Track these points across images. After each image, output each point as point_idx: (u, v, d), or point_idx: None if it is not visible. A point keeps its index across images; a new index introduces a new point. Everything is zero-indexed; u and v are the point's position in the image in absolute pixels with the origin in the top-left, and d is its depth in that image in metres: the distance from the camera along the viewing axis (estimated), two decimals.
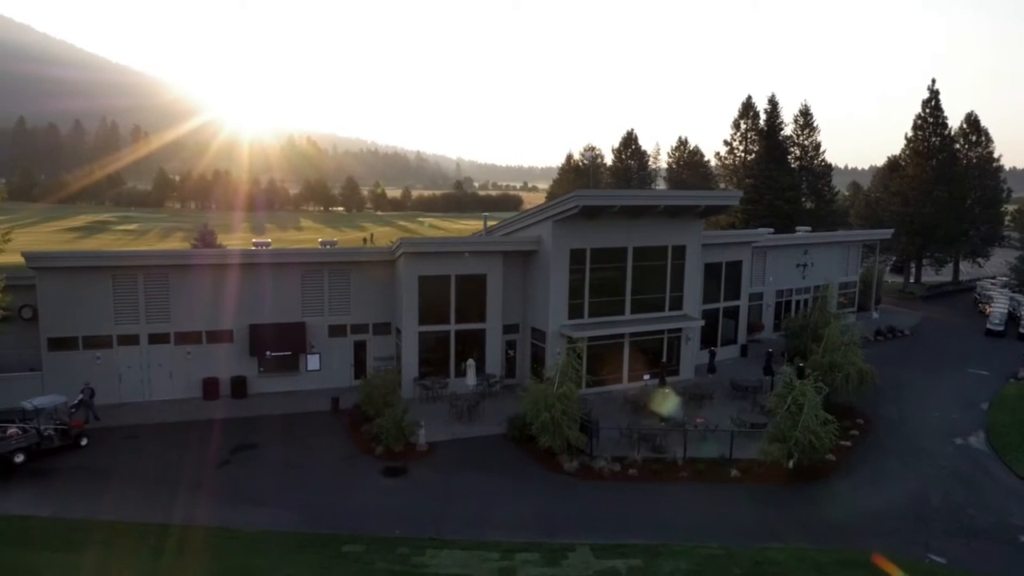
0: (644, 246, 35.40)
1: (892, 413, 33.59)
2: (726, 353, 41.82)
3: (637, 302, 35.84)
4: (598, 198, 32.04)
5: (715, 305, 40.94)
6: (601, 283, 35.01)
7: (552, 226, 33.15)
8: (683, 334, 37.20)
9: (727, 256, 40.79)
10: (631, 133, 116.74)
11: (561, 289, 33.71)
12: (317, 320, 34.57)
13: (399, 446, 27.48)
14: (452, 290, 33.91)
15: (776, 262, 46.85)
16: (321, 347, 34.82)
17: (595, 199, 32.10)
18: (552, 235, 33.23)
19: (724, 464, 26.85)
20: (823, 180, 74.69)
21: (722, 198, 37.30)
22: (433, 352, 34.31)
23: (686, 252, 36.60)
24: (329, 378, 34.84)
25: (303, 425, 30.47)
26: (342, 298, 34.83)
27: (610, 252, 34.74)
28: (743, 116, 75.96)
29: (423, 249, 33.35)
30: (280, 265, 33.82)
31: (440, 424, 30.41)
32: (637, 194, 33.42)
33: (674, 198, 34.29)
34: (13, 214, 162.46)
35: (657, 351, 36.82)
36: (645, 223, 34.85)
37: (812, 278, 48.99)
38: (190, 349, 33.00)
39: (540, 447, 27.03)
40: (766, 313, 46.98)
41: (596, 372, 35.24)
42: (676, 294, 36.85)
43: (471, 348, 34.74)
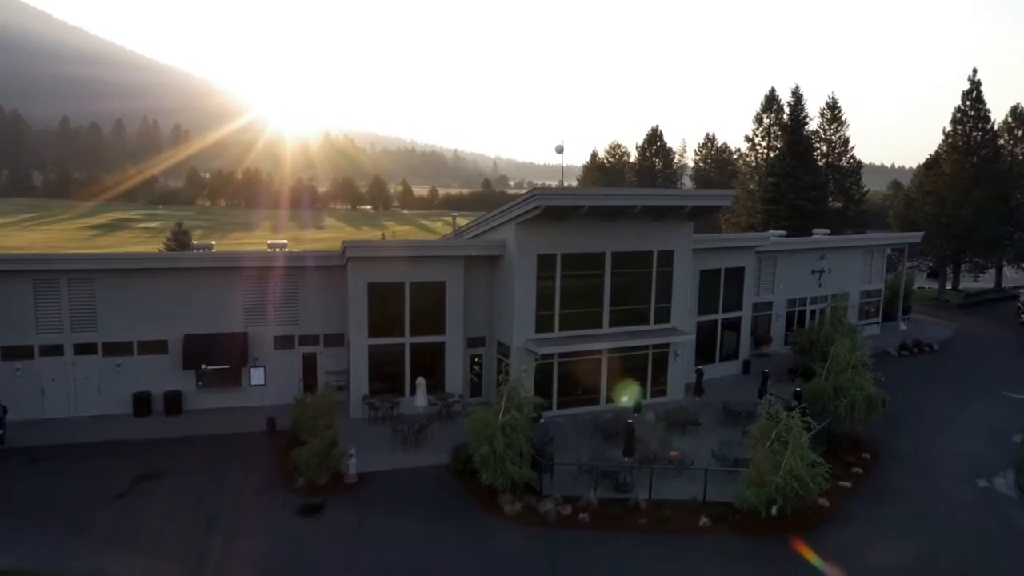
0: (625, 251, 31.52)
1: (906, 446, 29.17)
2: (726, 370, 37.65)
3: (617, 314, 31.97)
4: (562, 197, 28.33)
5: (712, 316, 36.79)
6: (575, 293, 31.26)
7: (516, 229, 29.51)
8: (671, 350, 33.19)
9: (727, 262, 36.60)
10: (656, 129, 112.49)
11: (527, 299, 30.05)
12: (261, 330, 31.47)
13: (323, 478, 24.19)
14: (406, 299, 30.51)
15: (788, 268, 42.42)
16: (266, 360, 31.73)
17: (558, 198, 28.34)
18: (516, 239, 29.59)
19: (695, 509, 22.93)
20: (852, 178, 69.32)
21: (711, 198, 33.24)
22: (386, 368, 30.94)
23: (674, 258, 32.59)
24: (275, 394, 31.70)
25: (231, 448, 27.39)
26: (289, 306, 31.69)
27: (585, 258, 30.95)
28: (766, 110, 71.01)
29: (372, 253, 29.98)
30: (219, 270, 30.80)
31: (381, 451, 27.10)
32: (609, 193, 29.68)
33: (654, 197, 30.39)
34: (45, 211, 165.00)
35: (641, 369, 32.89)
36: (625, 226, 30.97)
37: (829, 286, 44.40)
38: (120, 361, 30.19)
39: (481, 484, 23.48)
40: (776, 324, 42.59)
41: (569, 392, 31.52)
42: (663, 305, 32.85)
43: (429, 363, 31.30)
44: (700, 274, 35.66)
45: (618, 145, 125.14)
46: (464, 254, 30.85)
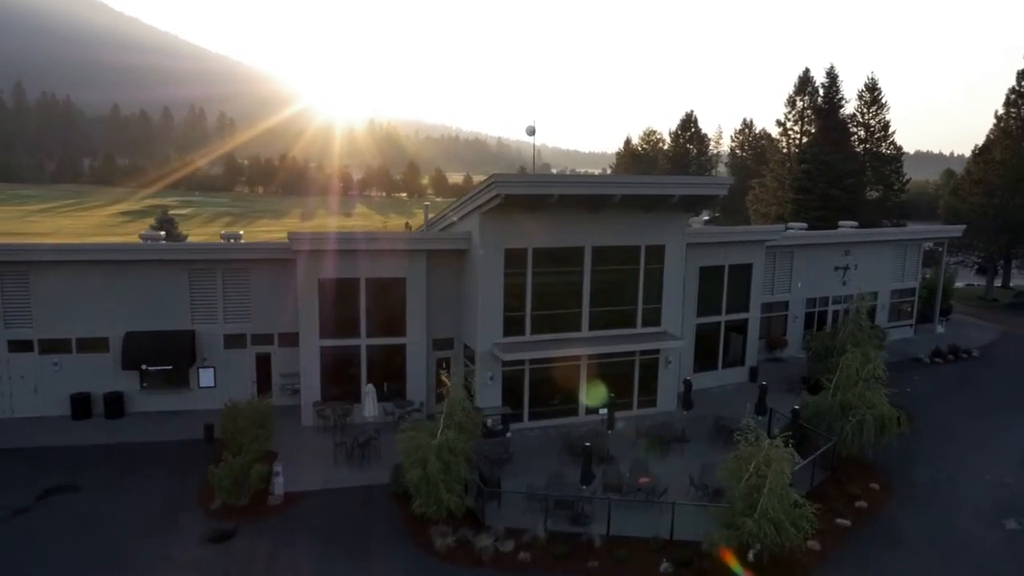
0: (608, 246, 28.13)
1: (924, 474, 25.29)
2: (730, 377, 33.97)
3: (599, 316, 28.62)
4: (525, 185, 25.09)
5: (714, 318, 33.10)
6: (549, 292, 28.04)
7: (479, 220, 26.40)
8: (661, 356, 29.72)
9: (732, 258, 32.83)
10: (690, 115, 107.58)
11: (493, 299, 26.94)
12: (210, 328, 29.07)
13: (242, 499, 21.62)
14: (362, 297, 27.70)
15: (807, 264, 38.36)
16: (216, 360, 29.33)
17: (520, 186, 25.07)
18: (480, 231, 26.48)
19: (659, 549, 19.66)
20: (892, 165, 63.96)
21: (704, 186, 29.33)
22: (340, 372, 28.24)
23: (665, 254, 29.05)
24: (226, 396, 28.84)
25: (162, 458, 25.06)
26: (240, 303, 29.20)
27: (561, 253, 27.69)
28: (799, 92, 65.99)
29: (322, 246, 27.20)
30: (164, 263, 28.42)
31: (321, 466, 24.49)
32: (581, 180, 26.25)
33: (634, 186, 26.82)
34: (85, 197, 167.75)
35: (626, 377, 29.54)
36: (608, 217, 27.57)
37: (856, 284, 40.11)
38: (58, 359, 28.12)
39: (414, 512, 20.60)
40: (792, 326, 38.61)
41: (543, 402, 28.38)
42: (652, 306, 29.37)
43: (388, 368, 28.52)
44: (700, 271, 32.03)
45: (652, 131, 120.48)
46: (426, 248, 27.86)
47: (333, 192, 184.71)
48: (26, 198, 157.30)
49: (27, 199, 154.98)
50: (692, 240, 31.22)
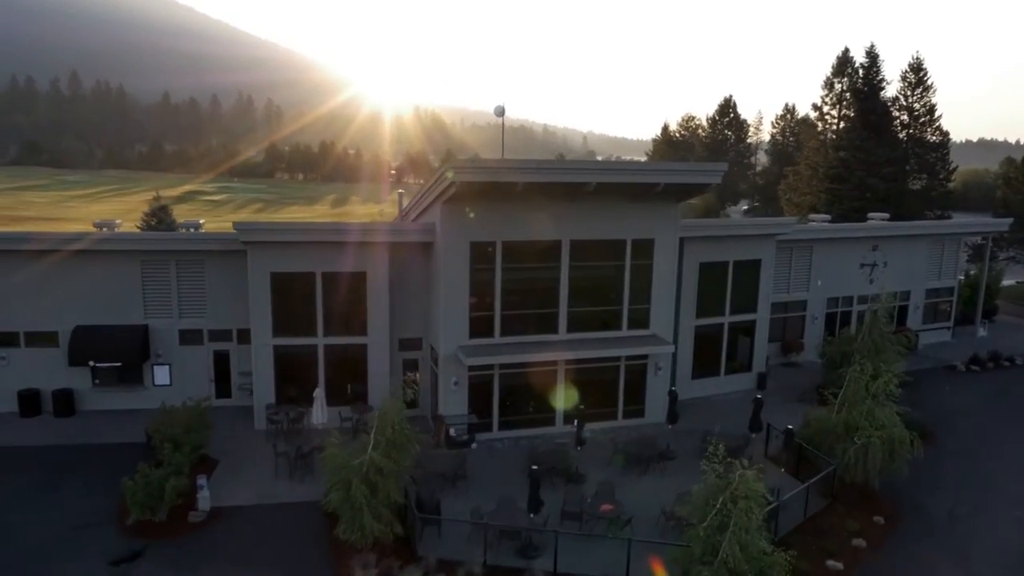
0: (588, 240, 25.42)
1: (940, 506, 22.04)
2: (735, 384, 30.88)
3: (578, 317, 25.95)
4: (481, 171, 22.48)
5: (716, 319, 30.04)
6: (522, 290, 25.50)
7: (442, 210, 23.93)
8: (650, 362, 26.89)
9: (737, 253, 29.69)
10: (729, 100, 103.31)
11: (457, 297, 24.49)
12: (165, 323, 27.32)
13: (159, 515, 19.71)
14: (318, 292, 25.53)
15: (828, 260, 34.88)
16: (171, 356, 27.60)
17: (476, 172, 22.46)
18: (442, 222, 24.03)
19: None
20: (937, 153, 59.08)
21: (693, 173, 26.15)
22: (295, 373, 26.21)
23: (654, 249, 26.16)
24: (182, 395, 27.16)
25: (96, 463, 23.37)
26: (196, 296, 27.36)
27: (535, 247, 25.08)
28: (838, 74, 61.38)
29: (274, 237, 25.09)
30: (116, 253, 26.71)
31: (262, 478, 22.52)
32: (551, 167, 23.44)
33: (613, 173, 23.89)
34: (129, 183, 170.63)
35: (611, 384, 26.82)
36: (589, 208, 24.83)
37: (885, 282, 36.42)
38: (5, 354, 26.74)
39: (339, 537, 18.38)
40: (811, 328, 35.19)
41: (515, 411, 25.90)
42: (639, 306, 26.55)
43: (348, 369, 26.37)
44: (700, 268, 29.02)
45: (691, 117, 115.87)
46: (388, 240, 25.51)
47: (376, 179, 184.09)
48: (71, 184, 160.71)
49: (72, 185, 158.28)
50: (688, 234, 28.24)
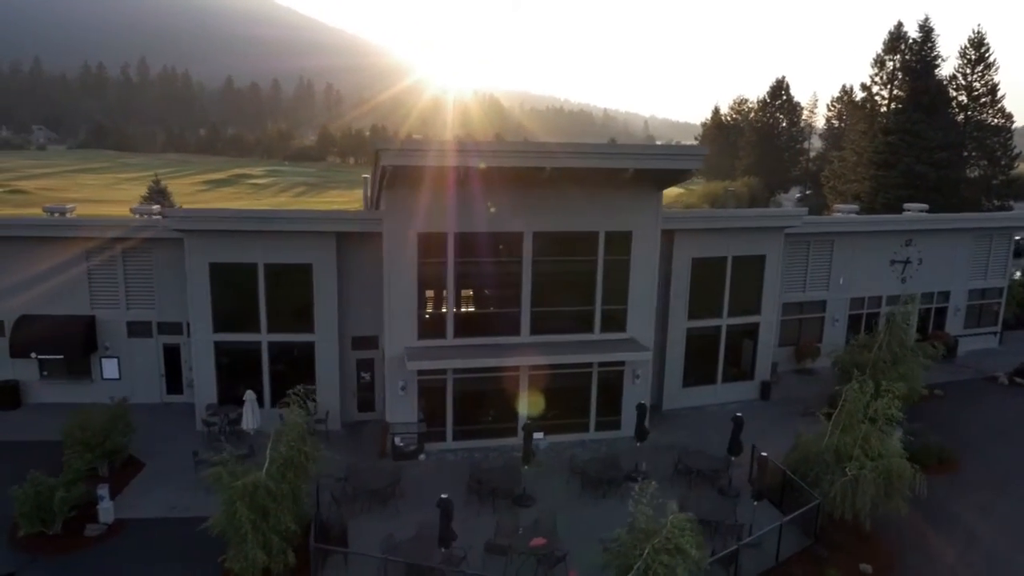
0: (555, 231, 22.72)
1: (945, 553, 18.72)
2: (733, 394, 27.77)
3: (543, 318, 23.33)
4: (413, 154, 19.93)
5: (712, 322, 26.94)
6: (478, 287, 23.06)
7: (386, 196, 21.60)
8: (627, 369, 24.08)
9: (737, 248, 26.49)
10: (781, 82, 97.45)
11: (404, 292, 22.17)
12: (112, 314, 25.88)
13: (52, 527, 18.13)
14: (260, 285, 23.58)
15: (852, 256, 31.21)
16: (119, 349, 26.17)
17: (410, 156, 19.93)
18: (386, 210, 21.71)
19: None
20: (999, 137, 53.50)
21: (668, 158, 22.67)
22: (240, 371, 24.40)
23: (632, 242, 23.27)
24: (132, 390, 26.17)
25: (27, 463, 21.64)
26: (143, 287, 25.80)
27: (493, 239, 22.54)
28: (890, 51, 56.17)
29: (212, 225, 23.18)
30: (62, 240, 25.31)
31: (182, 486, 20.71)
32: (497, 149, 20.64)
33: (574, 156, 20.85)
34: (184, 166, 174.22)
35: (582, 393, 24.14)
36: (554, 196, 22.13)
37: (919, 281, 32.63)
38: None
39: None
40: (830, 331, 31.58)
41: (473, 419, 23.52)
42: (615, 307, 23.73)
43: (296, 369, 24.39)
44: (692, 264, 25.98)
45: (743, 100, 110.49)
46: (335, 229, 23.32)
47: None
48: (130, 167, 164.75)
49: (130, 167, 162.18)
50: (679, 226, 25.28)
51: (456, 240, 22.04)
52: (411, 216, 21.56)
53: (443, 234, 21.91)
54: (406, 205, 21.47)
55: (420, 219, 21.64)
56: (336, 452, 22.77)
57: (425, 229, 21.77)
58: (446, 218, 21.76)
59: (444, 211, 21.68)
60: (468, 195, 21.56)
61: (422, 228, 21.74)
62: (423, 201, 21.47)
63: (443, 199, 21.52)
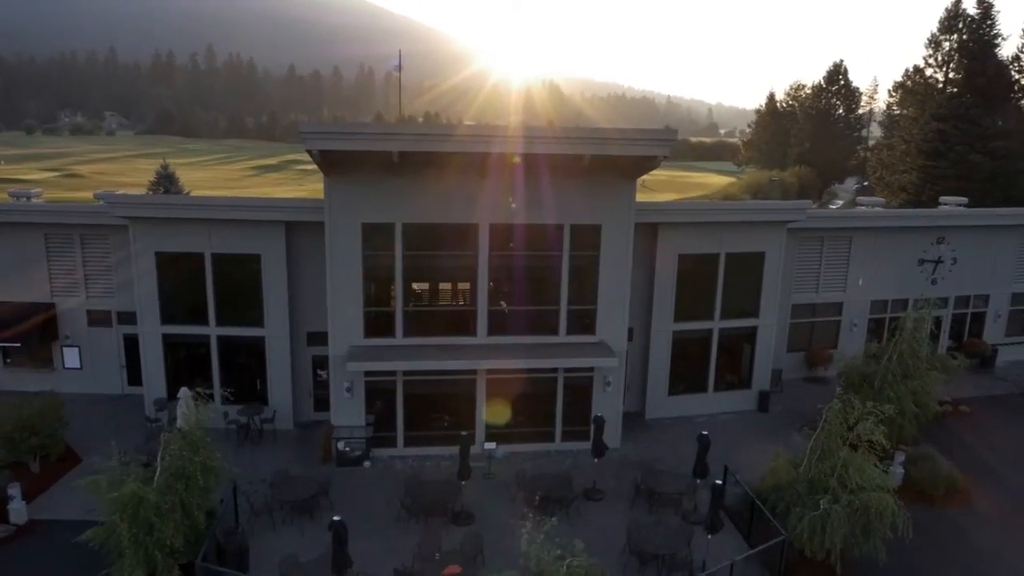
0: (515, 223, 20.73)
1: None
2: (727, 403, 25.38)
3: (502, 318, 21.45)
4: (338, 137, 18.18)
5: (703, 325, 24.55)
6: (430, 283, 21.32)
7: (329, 184, 20.01)
8: (597, 376, 21.99)
9: (731, 244, 23.98)
10: (839, 65, 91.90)
11: (349, 288, 20.60)
12: (72, 302, 25.16)
13: None
14: (208, 276, 22.36)
15: (874, 254, 28.23)
16: (80, 339, 25.48)
17: (335, 139, 18.19)
18: (328, 199, 20.12)
19: None
20: None
21: (629, 143, 19.97)
22: (189, 365, 23.32)
23: (601, 236, 21.11)
24: (93, 381, 25.60)
25: None
26: (102, 274, 24.97)
27: (444, 232, 20.71)
28: (946, 30, 51.55)
29: (158, 213, 22.03)
30: (22, 225, 24.66)
31: None
32: (432, 133, 18.57)
33: (521, 141, 18.77)
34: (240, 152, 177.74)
35: (546, 400, 22.18)
36: (514, 185, 20.18)
37: (952, 283, 29.41)
38: None
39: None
40: (847, 336, 28.68)
41: (426, 425, 21.86)
42: (582, 307, 21.64)
43: (246, 364, 23.19)
44: (680, 261, 23.64)
45: (800, 85, 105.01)
46: (283, 218, 21.88)
47: None
48: (189, 152, 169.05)
49: (189, 153, 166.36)
50: (664, 219, 22.99)
51: (404, 231, 20.32)
52: (355, 205, 19.94)
53: (390, 225, 20.21)
54: (349, 193, 19.87)
55: (365, 208, 20.00)
56: (280, 454, 21.77)
57: (370, 219, 20.12)
58: (393, 207, 20.06)
59: (391, 200, 19.98)
60: (416, 182, 19.82)
61: (367, 218, 20.10)
62: (368, 189, 19.84)
63: (389, 187, 19.84)
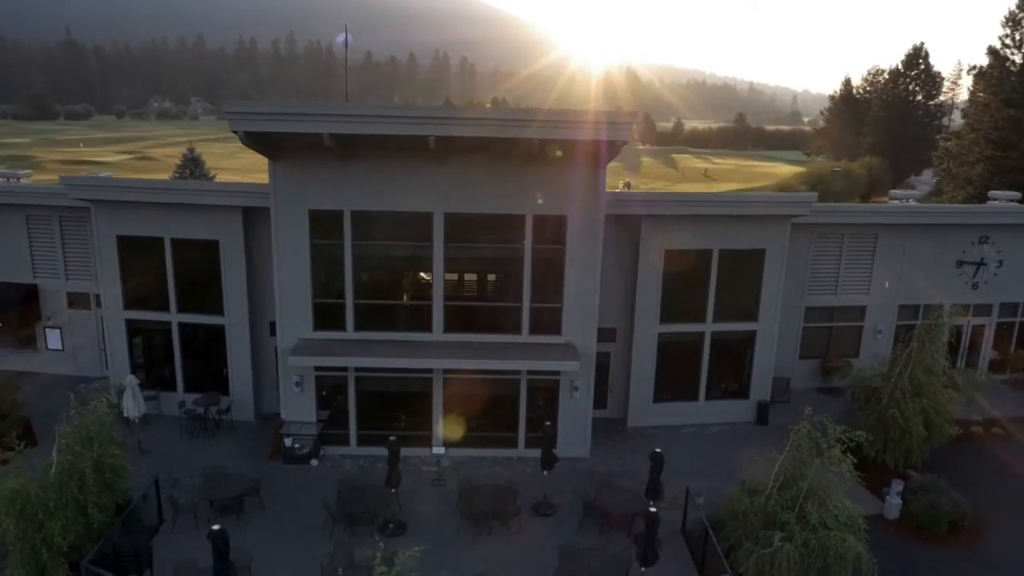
0: (471, 214, 19.25)
1: None
2: (721, 414, 23.24)
3: (460, 314, 20.04)
4: (261, 118, 16.93)
5: (694, 327, 22.49)
6: (382, 275, 20.12)
7: (274, 168, 18.99)
8: (563, 380, 20.33)
9: (728, 239, 21.80)
10: (919, 49, 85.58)
11: (296, 278, 19.58)
12: (53, 284, 25.16)
13: None
14: (168, 261, 21.77)
15: (904, 254, 25.38)
16: (61, 320, 25.49)
17: (263, 119, 16.99)
18: (273, 183, 19.10)
19: None
20: None
21: (579, 126, 17.79)
22: (154, 351, 22.93)
23: (567, 229, 19.37)
24: (74, 363, 25.58)
25: None
26: (81, 257, 24.82)
27: (397, 220, 19.40)
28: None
29: (117, 196, 21.51)
30: (4, 207, 24.72)
31: None
32: (365, 114, 16.93)
33: (465, 124, 16.96)
34: None
35: (508, 404, 20.67)
36: (470, 172, 18.75)
37: (997, 288, 26.25)
38: None
39: None
40: (870, 344, 25.90)
41: (380, 423, 20.71)
42: (547, 305, 19.98)
43: (208, 353, 22.57)
44: (666, 257, 21.65)
45: (879, 71, 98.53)
46: (241, 204, 21.00)
47: None
48: None
49: None
50: (645, 211, 21.05)
51: (353, 219, 19.12)
52: (302, 191, 18.88)
53: (338, 212, 19.05)
54: (295, 178, 18.82)
55: (312, 194, 18.91)
56: (230, 447, 21.06)
57: (317, 206, 19.02)
58: (341, 194, 18.89)
59: (339, 186, 18.83)
60: (366, 168, 18.59)
61: (314, 204, 19.01)
62: (315, 174, 18.75)
63: (337, 172, 18.68)
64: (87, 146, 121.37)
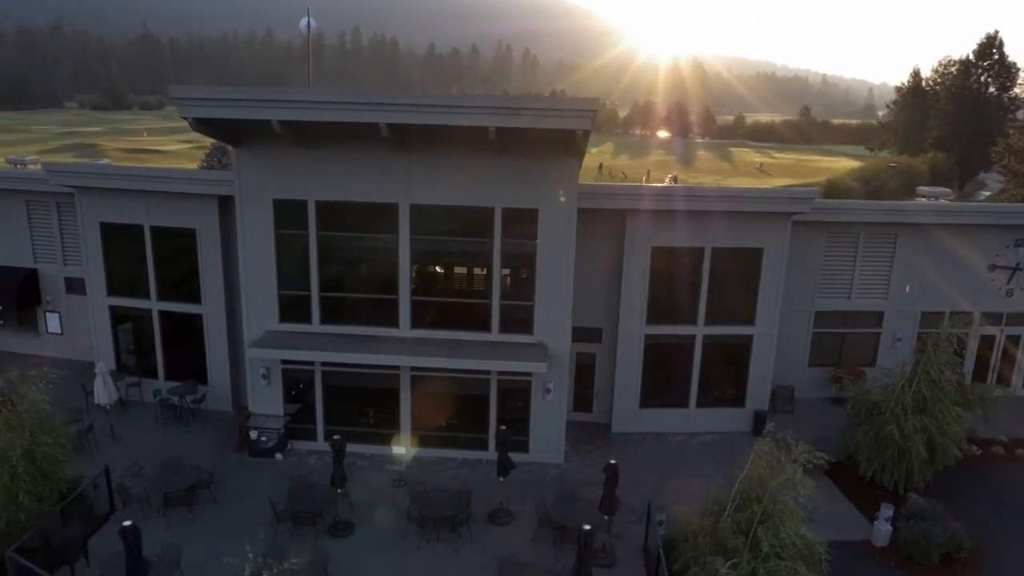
0: (438, 206, 18.45)
1: None
2: (714, 422, 21.89)
3: (427, 309, 19.29)
4: (210, 103, 16.33)
5: (684, 329, 21.17)
6: (348, 267, 19.52)
7: (237, 157, 18.59)
8: (536, 382, 19.38)
9: (722, 237, 20.41)
10: (993, 38, 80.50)
11: (262, 268, 19.18)
12: (52, 269, 25.54)
13: None
14: (148, 249, 21.70)
15: (927, 257, 23.43)
16: (60, 305, 25.87)
17: (211, 105, 16.44)
18: (238, 171, 18.71)
19: None
20: None
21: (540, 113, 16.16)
22: (137, 339, 22.96)
23: (539, 222, 18.37)
24: (73, 347, 25.93)
25: None
26: (78, 242, 25.07)
27: (362, 210, 18.76)
28: None
29: (99, 183, 21.51)
30: (6, 192, 25.18)
31: None
32: (320, 100, 16.04)
33: (421, 111, 15.93)
34: None
35: (479, 405, 19.85)
36: (437, 162, 17.97)
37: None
38: None
39: None
40: (889, 352, 23.99)
41: (349, 419, 20.15)
42: (518, 302, 19.05)
43: (188, 341, 22.44)
44: (652, 255, 20.43)
45: (950, 61, 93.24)
46: (217, 192, 20.67)
47: (598, 131, 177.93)
48: None
49: None
50: (632, 205, 19.89)
51: (318, 209, 18.58)
52: (266, 180, 18.44)
53: (303, 202, 18.54)
54: (259, 167, 18.41)
55: (276, 184, 18.46)
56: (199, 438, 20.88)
57: (282, 195, 18.55)
58: (306, 183, 18.37)
59: (303, 175, 18.30)
60: (331, 156, 18.01)
61: (278, 194, 18.54)
62: (279, 163, 18.29)
63: (301, 161, 18.16)
64: (151, 135, 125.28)
